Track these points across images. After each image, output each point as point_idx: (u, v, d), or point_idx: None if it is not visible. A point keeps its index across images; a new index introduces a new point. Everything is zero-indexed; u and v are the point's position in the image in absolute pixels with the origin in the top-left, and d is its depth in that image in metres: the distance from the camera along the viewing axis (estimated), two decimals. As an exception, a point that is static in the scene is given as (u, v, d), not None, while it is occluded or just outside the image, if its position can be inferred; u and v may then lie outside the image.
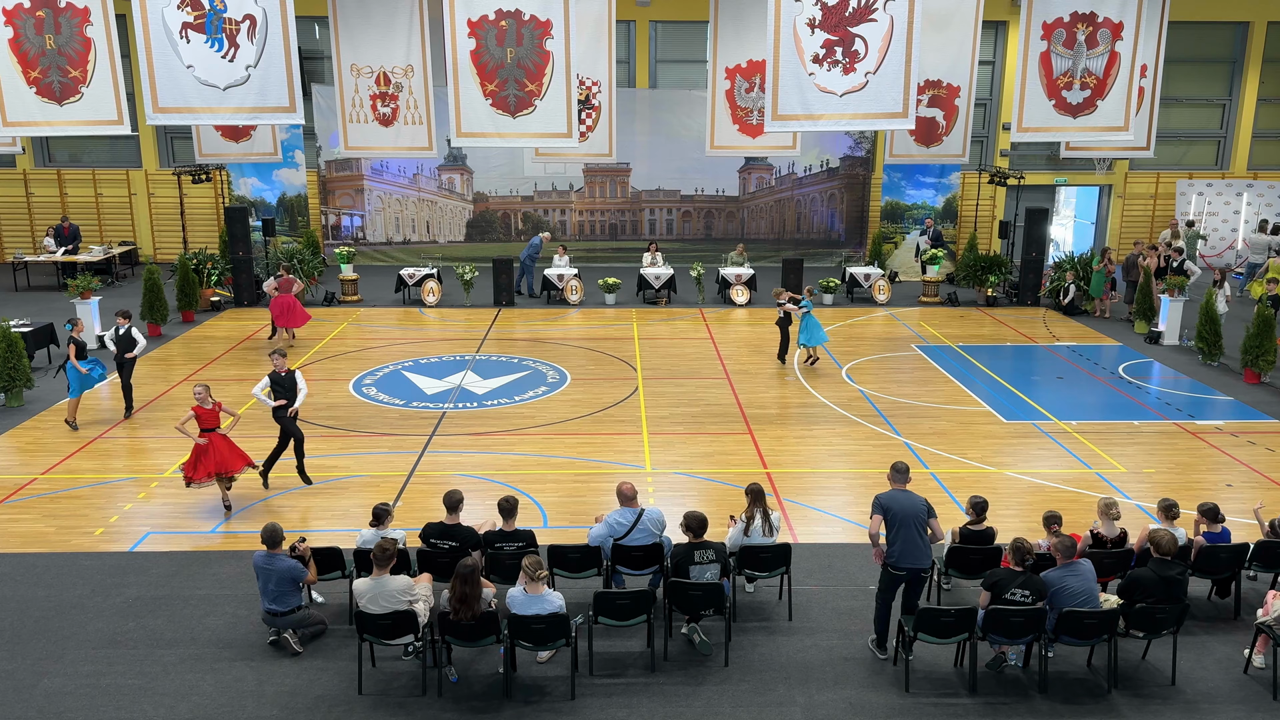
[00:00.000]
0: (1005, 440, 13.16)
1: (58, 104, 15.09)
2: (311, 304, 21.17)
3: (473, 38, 15.29)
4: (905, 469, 8.19)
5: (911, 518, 7.78)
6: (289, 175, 24.95)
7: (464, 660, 7.94)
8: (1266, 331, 15.31)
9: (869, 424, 13.73)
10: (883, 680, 7.76)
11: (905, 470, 8.17)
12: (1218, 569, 8.69)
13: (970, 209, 25.17)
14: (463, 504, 8.61)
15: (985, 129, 26.34)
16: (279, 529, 8.12)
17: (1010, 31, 25.00)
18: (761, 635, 8.38)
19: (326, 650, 8.12)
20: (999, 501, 10.65)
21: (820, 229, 26.47)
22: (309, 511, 10.81)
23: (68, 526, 10.38)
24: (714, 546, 8.14)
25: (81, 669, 7.84)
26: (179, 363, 16.65)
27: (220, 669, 7.85)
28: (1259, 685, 7.71)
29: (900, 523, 7.77)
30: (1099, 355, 17.48)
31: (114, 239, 25.57)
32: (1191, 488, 11.44)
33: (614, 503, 8.75)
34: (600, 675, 7.81)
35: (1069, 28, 15.88)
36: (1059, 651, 7.98)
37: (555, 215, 26.27)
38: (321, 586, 8.88)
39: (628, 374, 16.13)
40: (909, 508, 7.84)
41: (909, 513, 7.80)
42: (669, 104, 25.56)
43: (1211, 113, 26.78)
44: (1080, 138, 17.65)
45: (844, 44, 13.52)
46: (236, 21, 14.61)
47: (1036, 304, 21.49)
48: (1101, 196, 27.18)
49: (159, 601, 8.83)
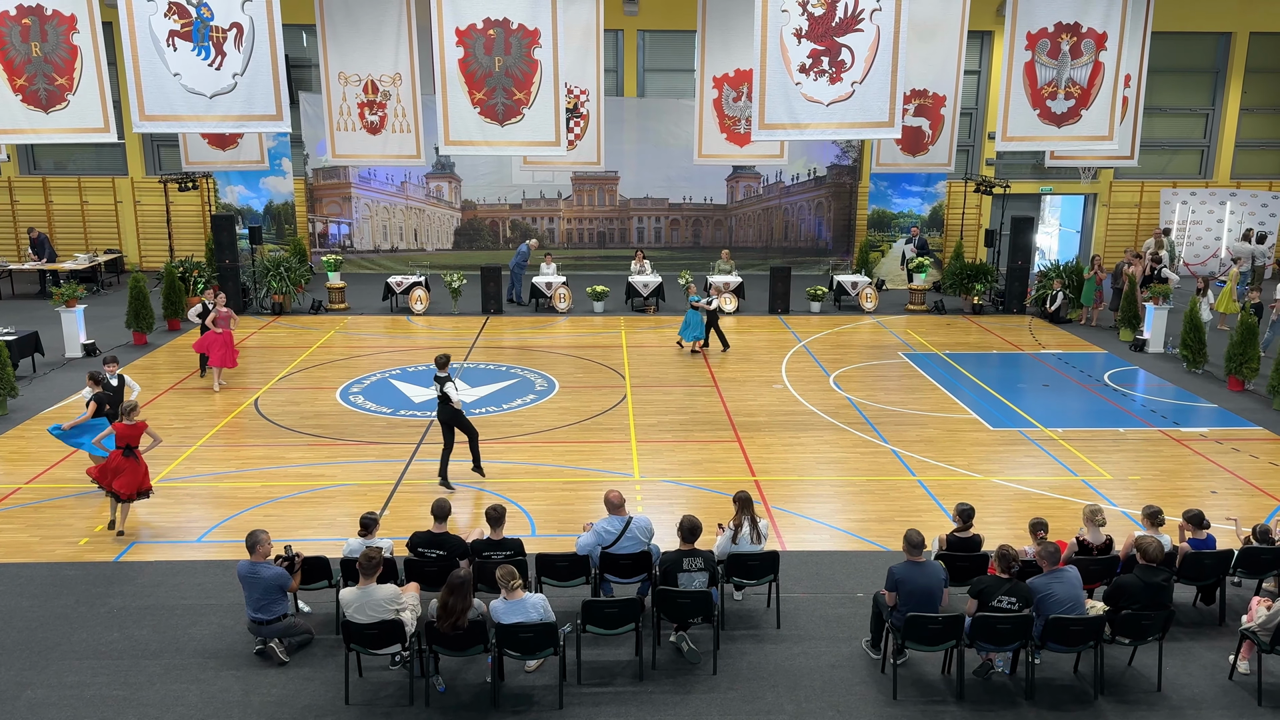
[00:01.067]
0: (992, 447, 13.21)
1: (44, 112, 15.02)
2: (299, 312, 21.15)
3: (461, 46, 15.30)
4: (920, 541, 7.76)
5: (924, 595, 7.66)
6: (276, 183, 24.89)
7: (451, 670, 7.91)
8: (1250, 339, 15.43)
9: (856, 431, 13.76)
10: (871, 688, 7.77)
11: (920, 544, 7.76)
12: (1203, 575, 8.74)
13: (956, 217, 25.29)
14: (450, 513, 8.59)
15: (971, 138, 26.50)
16: (262, 535, 8.08)
17: (995, 41, 25.16)
18: (750, 643, 8.38)
19: (313, 660, 8.08)
20: (985, 508, 10.69)
21: (807, 237, 26.55)
22: (295, 520, 10.76)
23: (52, 536, 10.31)
24: (702, 554, 8.14)
25: (65, 679, 7.78)
26: (164, 371, 16.56)
27: (205, 679, 7.80)
28: (1244, 691, 7.75)
29: (910, 595, 7.67)
30: (1084, 363, 17.57)
31: (99, 247, 25.45)
32: (1176, 494, 11.51)
33: (602, 511, 8.75)
34: (588, 684, 7.79)
35: (1053, 38, 16.00)
36: (1045, 658, 8.00)
37: (543, 223, 26.28)
38: (308, 596, 8.84)
39: (616, 382, 16.13)
40: (924, 586, 7.67)
41: (923, 591, 7.67)
42: (657, 112, 25.61)
43: (1195, 122, 27.00)
44: (1065, 147, 17.77)
45: (830, 54, 13.59)
46: (224, 30, 14.58)
47: (1022, 312, 21.60)
48: (1086, 205, 27.36)
49: (143, 611, 8.77)
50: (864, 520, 10.89)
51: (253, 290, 21.75)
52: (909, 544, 7.77)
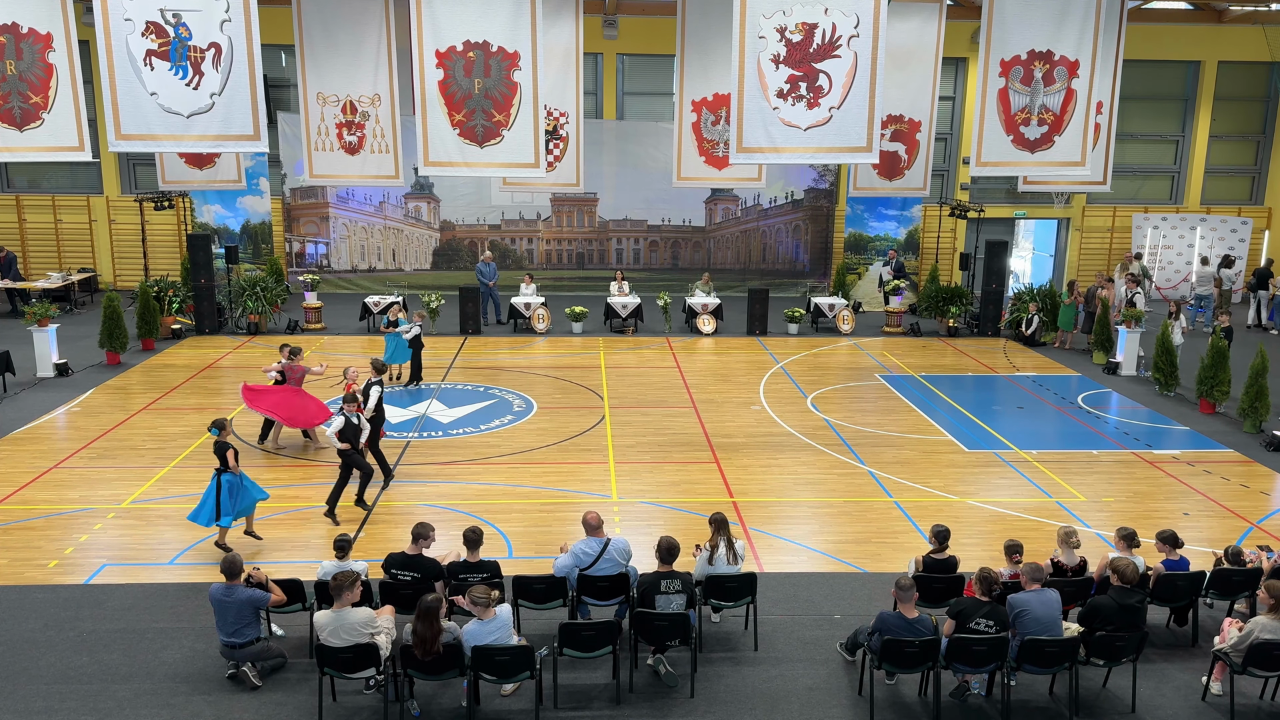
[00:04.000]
0: (967, 469, 13.29)
1: (18, 130, 14.90)
2: (274, 332, 21.01)
3: (440, 68, 15.33)
4: (909, 586, 7.66)
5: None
6: (253, 202, 24.77)
7: (426, 694, 7.84)
8: (1221, 362, 15.63)
9: (834, 453, 13.81)
10: (848, 710, 7.76)
11: (910, 587, 7.66)
12: (1176, 597, 8.81)
13: (932, 241, 25.53)
14: (428, 537, 8.53)
15: (946, 163, 26.80)
16: (239, 560, 8.00)
17: (970, 68, 25.52)
18: (727, 665, 8.36)
19: (286, 684, 7.99)
20: (961, 530, 10.75)
21: (785, 260, 26.72)
22: (270, 544, 10.65)
23: (21, 559, 10.15)
24: (680, 576, 8.13)
25: (34, 705, 7.64)
26: (138, 391, 16.40)
27: (177, 704, 7.69)
28: (1217, 713, 7.81)
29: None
30: (1058, 385, 17.73)
31: (73, 265, 25.22)
32: (1149, 516, 11.61)
33: (580, 532, 8.72)
34: (565, 708, 7.74)
35: (1026, 65, 16.22)
36: (1021, 680, 8.03)
37: (522, 244, 26.30)
38: (282, 619, 8.75)
39: (594, 403, 16.12)
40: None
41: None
42: (636, 135, 25.75)
43: (1165, 148, 27.44)
44: (1038, 172, 18.00)
45: (808, 79, 13.72)
46: (201, 49, 14.54)
47: (997, 335, 21.79)
48: (1060, 229, 27.70)
49: (114, 635, 8.64)
50: (841, 541, 10.91)
51: (229, 310, 21.61)
52: (900, 589, 7.65)
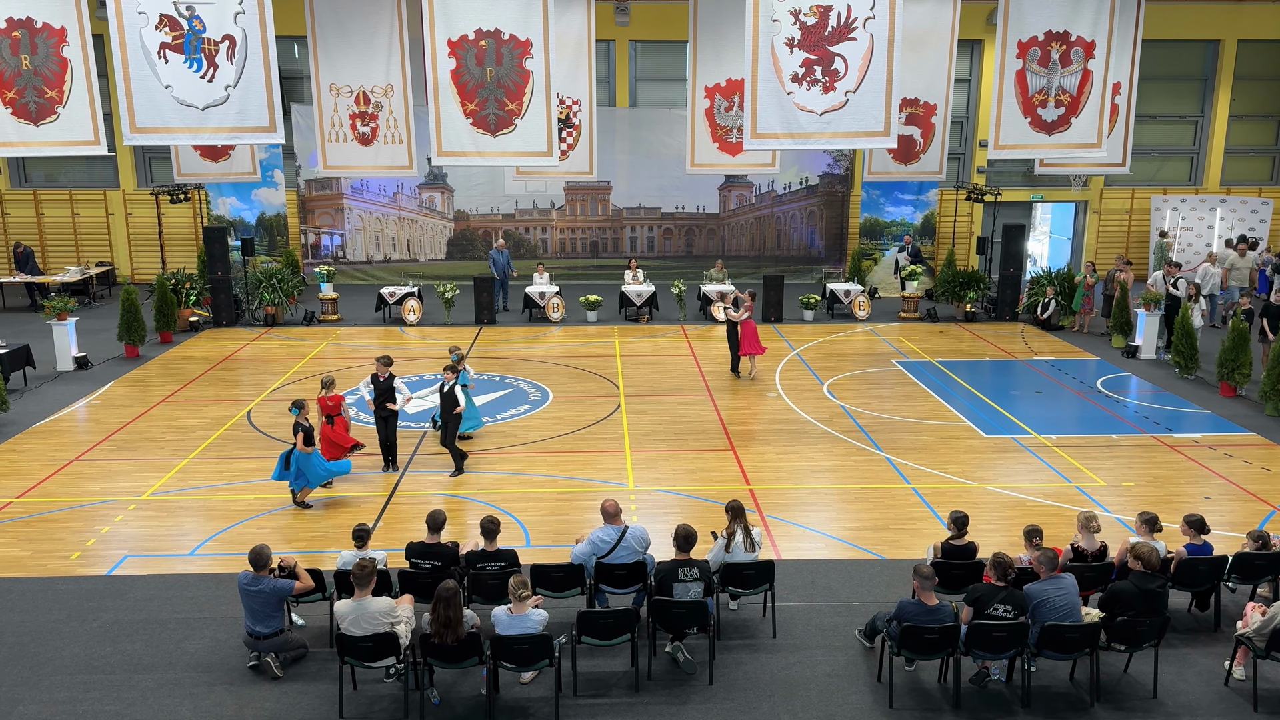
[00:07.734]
0: (985, 455, 13.22)
1: (34, 124, 14.97)
2: (291, 324, 21.10)
3: (453, 57, 15.30)
4: (929, 575, 7.67)
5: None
6: (268, 194, 24.87)
7: (446, 682, 7.88)
8: (1241, 345, 15.48)
9: (850, 439, 13.76)
10: (867, 696, 7.75)
11: (930, 576, 7.67)
12: (1197, 582, 8.74)
13: (948, 225, 25.35)
14: (445, 524, 8.57)
15: (962, 146, 26.59)
16: (266, 550, 8.04)
17: (986, 50, 25.29)
18: (746, 653, 8.36)
19: (307, 674, 8.04)
20: (980, 516, 10.70)
21: (800, 246, 26.60)
22: (288, 533, 10.72)
23: (43, 550, 10.25)
24: (698, 564, 8.13)
25: (57, 695, 7.72)
26: (157, 383, 16.50)
27: (199, 694, 7.76)
28: (1239, 697, 7.76)
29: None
30: (1077, 369, 17.61)
31: (91, 259, 25.37)
32: (1170, 501, 11.53)
33: (597, 521, 8.73)
34: (584, 696, 7.76)
35: (1043, 46, 16.06)
36: (1041, 665, 7.99)
37: (536, 233, 26.29)
38: (302, 609, 8.81)
39: (610, 391, 16.12)
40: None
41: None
42: (649, 122, 25.66)
43: (1184, 129, 27.14)
44: (1055, 154, 17.85)
45: (823, 63, 13.62)
46: (216, 42, 14.56)
47: (1014, 319, 21.64)
48: (1077, 212, 27.46)
49: (136, 626, 8.72)
50: (859, 528, 10.88)
51: (245, 302, 21.70)
52: (920, 576, 7.66)
